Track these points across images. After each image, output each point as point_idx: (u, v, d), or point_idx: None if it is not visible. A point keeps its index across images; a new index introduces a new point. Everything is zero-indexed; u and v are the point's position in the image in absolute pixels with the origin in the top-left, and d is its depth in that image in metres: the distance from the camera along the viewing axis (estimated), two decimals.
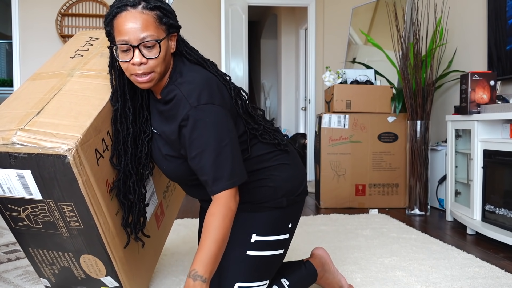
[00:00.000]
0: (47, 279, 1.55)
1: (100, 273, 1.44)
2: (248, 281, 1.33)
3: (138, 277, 1.55)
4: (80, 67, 1.46)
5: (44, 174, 1.19)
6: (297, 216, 1.47)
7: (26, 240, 1.43)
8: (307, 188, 1.50)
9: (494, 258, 2.20)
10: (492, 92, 2.69)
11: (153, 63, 1.21)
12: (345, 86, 3.62)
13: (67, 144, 1.16)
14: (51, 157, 1.16)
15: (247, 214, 1.36)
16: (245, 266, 1.34)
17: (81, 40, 1.65)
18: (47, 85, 1.38)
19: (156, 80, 1.25)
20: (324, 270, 1.59)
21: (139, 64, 1.20)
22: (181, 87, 1.24)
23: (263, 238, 1.35)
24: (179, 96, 1.23)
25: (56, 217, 1.30)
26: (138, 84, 1.25)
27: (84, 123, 1.22)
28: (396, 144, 3.57)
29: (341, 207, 3.50)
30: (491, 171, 2.61)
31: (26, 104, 1.30)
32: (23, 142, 1.16)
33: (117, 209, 1.37)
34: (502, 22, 2.89)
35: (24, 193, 1.25)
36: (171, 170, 1.36)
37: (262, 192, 1.36)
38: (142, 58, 1.20)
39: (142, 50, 1.19)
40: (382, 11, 4.35)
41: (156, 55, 1.21)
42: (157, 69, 1.23)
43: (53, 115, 1.24)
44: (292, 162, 1.43)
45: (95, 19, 4.83)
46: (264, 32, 8.01)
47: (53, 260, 1.46)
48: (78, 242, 1.36)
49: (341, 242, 2.44)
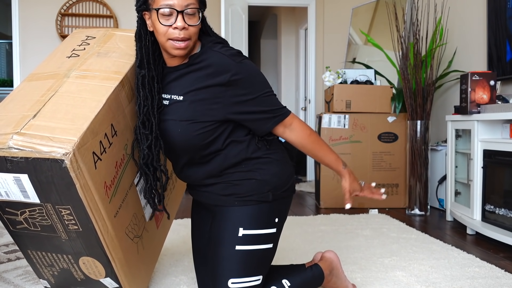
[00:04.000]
0: (46, 280, 1.55)
1: (100, 275, 1.43)
2: (240, 276, 1.36)
3: (138, 277, 1.55)
4: (77, 68, 1.44)
5: (41, 178, 1.18)
6: (284, 212, 1.49)
7: (25, 243, 1.42)
8: (295, 187, 1.53)
9: (494, 258, 2.20)
10: (492, 92, 2.69)
11: (192, 30, 1.31)
12: (345, 86, 3.62)
13: (64, 148, 1.14)
14: (48, 161, 1.14)
15: (234, 209, 1.40)
16: (236, 261, 1.37)
17: (78, 39, 1.62)
18: (43, 87, 1.36)
19: (189, 49, 1.33)
20: (332, 274, 1.58)
21: (181, 29, 1.28)
22: (221, 50, 1.34)
23: (250, 232, 1.38)
24: (219, 56, 1.32)
25: (54, 220, 1.29)
26: (173, 50, 1.31)
27: (81, 126, 1.21)
28: (396, 144, 3.57)
29: (341, 207, 3.49)
30: (491, 171, 2.61)
31: (22, 107, 1.28)
32: (20, 147, 1.14)
33: (116, 211, 1.36)
34: (502, 22, 2.89)
35: (22, 197, 1.24)
36: (186, 135, 1.35)
37: (249, 184, 1.40)
38: (184, 24, 1.28)
39: (184, 16, 1.28)
40: (382, 11, 4.35)
41: (196, 23, 1.30)
42: (193, 37, 1.32)
43: (50, 118, 1.23)
44: (282, 159, 1.47)
45: (95, 19, 4.83)
46: (264, 32, 8.01)
47: (52, 262, 1.45)
48: (77, 245, 1.35)
49: (341, 242, 2.44)
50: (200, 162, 1.41)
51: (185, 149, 1.39)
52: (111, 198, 1.34)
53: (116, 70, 1.44)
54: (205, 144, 1.36)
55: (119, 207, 1.39)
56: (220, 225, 1.41)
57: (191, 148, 1.37)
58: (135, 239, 1.51)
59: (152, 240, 1.66)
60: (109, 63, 1.47)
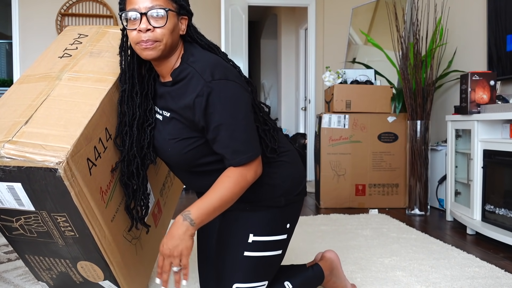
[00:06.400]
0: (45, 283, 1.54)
1: (98, 278, 1.42)
2: (246, 281, 1.33)
3: (137, 278, 1.54)
4: (69, 69, 1.41)
5: (35, 187, 1.16)
6: (296, 217, 1.45)
7: (22, 248, 1.40)
8: (306, 189, 1.48)
9: (494, 258, 2.20)
10: (492, 92, 2.69)
11: (159, 32, 1.22)
12: (345, 86, 3.62)
13: (57, 156, 1.11)
14: (41, 170, 1.12)
15: (245, 214, 1.36)
16: (243, 267, 1.33)
17: (70, 37, 1.58)
18: (35, 90, 1.33)
19: (160, 51, 1.24)
20: (332, 274, 1.57)
21: (145, 31, 1.22)
22: (194, 65, 1.25)
23: (261, 238, 1.35)
24: (192, 72, 1.24)
25: (50, 227, 1.28)
26: (142, 52, 1.25)
27: (74, 133, 1.18)
28: (396, 144, 3.57)
29: (341, 207, 3.50)
30: (491, 171, 2.61)
31: (14, 112, 1.25)
32: (12, 156, 1.11)
33: (112, 216, 1.34)
34: (502, 22, 2.89)
35: (16, 205, 1.22)
36: (176, 153, 1.32)
37: (261, 190, 1.35)
38: (148, 25, 1.21)
39: (149, 19, 1.21)
40: (382, 11, 4.35)
41: (163, 24, 1.22)
42: (162, 39, 1.23)
43: (42, 124, 1.20)
44: (292, 161, 1.42)
45: (95, 19, 4.83)
46: (264, 32, 8.01)
47: (50, 266, 1.44)
48: (74, 250, 1.34)
49: (341, 242, 2.44)
50: (202, 173, 1.36)
51: (181, 166, 1.37)
52: (108, 203, 1.31)
53: (109, 71, 1.41)
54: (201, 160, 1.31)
55: (116, 211, 1.36)
56: (230, 230, 1.37)
57: (187, 164, 1.34)
58: (133, 240, 1.49)
59: (150, 239, 1.65)
60: (102, 64, 1.44)
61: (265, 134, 1.35)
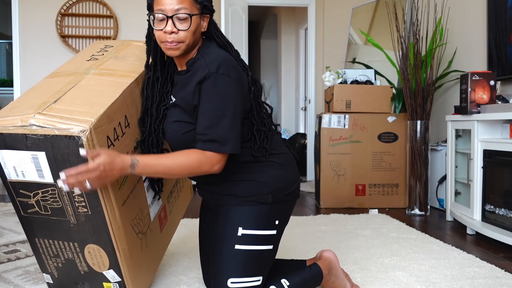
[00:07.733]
0: (49, 274, 1.56)
1: (104, 266, 1.45)
2: (240, 276, 1.38)
3: (140, 274, 1.56)
4: (96, 67, 1.55)
5: (58, 156, 1.24)
6: (286, 215, 1.49)
7: (33, 230, 1.45)
8: (299, 192, 1.53)
9: (494, 258, 2.20)
10: (492, 92, 2.69)
11: (183, 34, 1.35)
12: (345, 86, 3.62)
13: (82, 126, 1.21)
14: (65, 139, 1.21)
15: (234, 208, 1.42)
16: (235, 261, 1.38)
17: (97, 47, 1.75)
18: (63, 81, 1.46)
19: (182, 50, 1.37)
20: (331, 274, 1.58)
21: (170, 33, 1.34)
22: (206, 57, 1.37)
23: (250, 232, 1.40)
24: (201, 62, 1.36)
25: (65, 202, 1.34)
26: (166, 51, 1.38)
27: (98, 111, 1.29)
28: (396, 144, 3.57)
29: (341, 207, 3.50)
30: (491, 171, 2.61)
31: (44, 95, 1.37)
32: (41, 124, 1.22)
33: (124, 200, 1.41)
34: (502, 22, 2.89)
35: (37, 176, 1.29)
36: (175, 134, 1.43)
37: (249, 186, 1.42)
38: (173, 28, 1.33)
39: (174, 21, 1.33)
40: (382, 11, 4.35)
41: (186, 28, 1.34)
42: (185, 40, 1.36)
43: (69, 104, 1.31)
44: (284, 163, 1.48)
45: (95, 19, 4.83)
46: (264, 32, 8.01)
47: (57, 252, 1.48)
48: (84, 230, 1.39)
49: (341, 242, 2.44)
50: None
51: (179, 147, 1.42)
52: (121, 186, 1.39)
53: (132, 70, 1.55)
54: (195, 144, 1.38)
55: (127, 197, 1.44)
56: (221, 224, 1.44)
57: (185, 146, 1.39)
58: (140, 234, 1.54)
59: (155, 241, 1.68)
60: (125, 65, 1.59)
61: (258, 133, 1.42)
